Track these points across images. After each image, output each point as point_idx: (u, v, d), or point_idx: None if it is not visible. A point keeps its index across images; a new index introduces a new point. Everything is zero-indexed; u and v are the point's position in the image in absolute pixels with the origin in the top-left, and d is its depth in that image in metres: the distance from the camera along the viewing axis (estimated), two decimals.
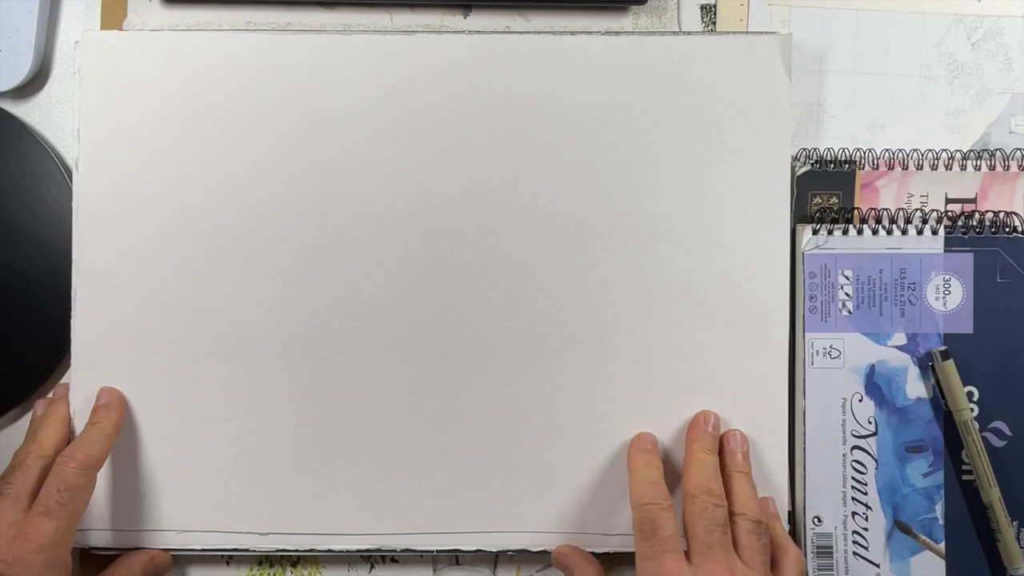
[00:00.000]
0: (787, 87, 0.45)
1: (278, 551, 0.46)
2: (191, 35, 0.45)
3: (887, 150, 0.47)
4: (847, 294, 0.46)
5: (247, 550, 0.46)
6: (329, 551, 0.46)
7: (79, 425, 0.44)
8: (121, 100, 0.45)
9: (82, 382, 0.45)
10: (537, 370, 0.45)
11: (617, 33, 0.47)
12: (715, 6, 0.48)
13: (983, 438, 0.45)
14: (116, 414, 0.44)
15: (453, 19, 0.48)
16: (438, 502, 0.45)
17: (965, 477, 0.46)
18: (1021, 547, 0.45)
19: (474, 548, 0.46)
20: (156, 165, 0.45)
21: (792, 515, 0.46)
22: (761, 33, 0.47)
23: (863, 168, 0.47)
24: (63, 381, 0.46)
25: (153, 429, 0.45)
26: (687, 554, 0.40)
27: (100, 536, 0.46)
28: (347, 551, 0.46)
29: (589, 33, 0.46)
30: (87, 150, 0.45)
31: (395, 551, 0.46)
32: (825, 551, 0.46)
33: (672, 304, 0.45)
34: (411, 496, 0.45)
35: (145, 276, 0.45)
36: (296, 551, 0.46)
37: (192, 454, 0.45)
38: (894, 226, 0.46)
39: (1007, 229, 0.46)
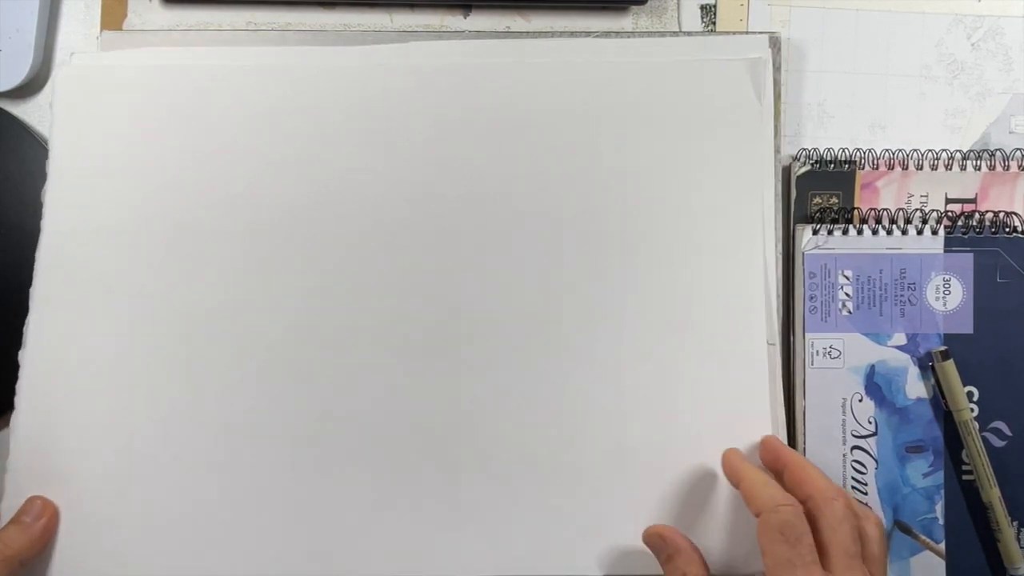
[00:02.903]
0: (770, 89, 0.45)
1: None
2: (173, 60, 0.45)
3: (887, 150, 0.47)
4: (847, 294, 0.46)
5: None
6: None
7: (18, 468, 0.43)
8: (99, 125, 0.45)
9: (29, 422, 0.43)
10: (518, 388, 0.44)
11: (617, 34, 0.47)
12: (715, 6, 0.48)
13: (983, 438, 0.45)
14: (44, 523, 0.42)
15: (453, 19, 0.48)
16: (439, 538, 0.44)
17: (965, 477, 0.46)
18: (1021, 547, 0.45)
19: None
20: (137, 180, 0.45)
21: None
22: (749, 33, 0.47)
23: (863, 168, 0.46)
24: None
25: (112, 435, 0.44)
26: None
27: None
28: None
29: (588, 34, 0.46)
30: (58, 179, 0.44)
31: None
32: None
33: (656, 317, 0.44)
34: (409, 535, 0.44)
35: (129, 288, 0.44)
36: None
37: (172, 489, 0.43)
38: (894, 226, 0.46)
39: (1007, 229, 0.46)
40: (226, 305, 0.44)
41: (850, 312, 0.46)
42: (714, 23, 0.48)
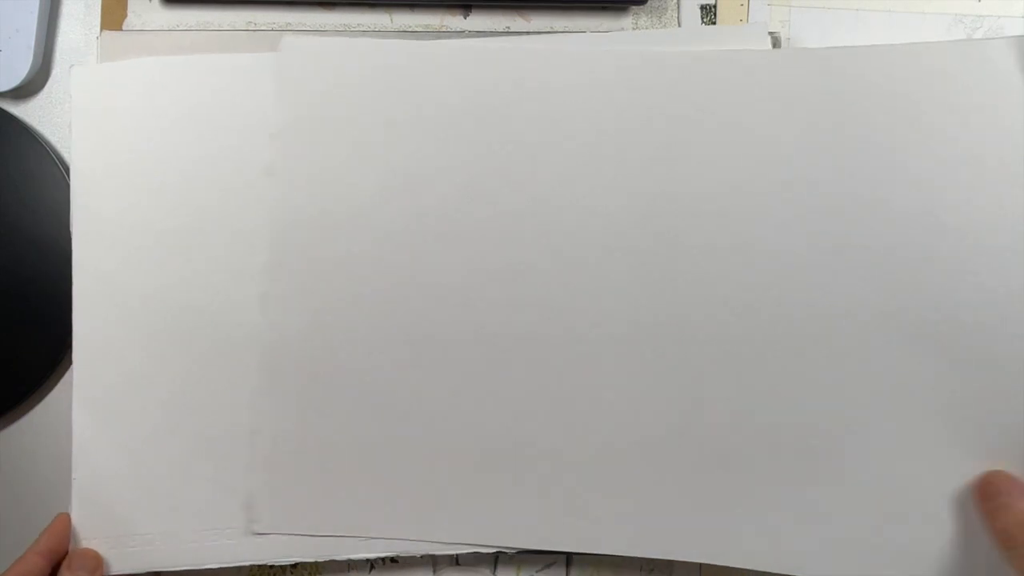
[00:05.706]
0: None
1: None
2: (185, 57, 0.45)
3: None
4: None
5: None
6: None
7: (79, 426, 0.44)
8: (117, 121, 0.45)
9: (86, 382, 0.44)
10: (803, 384, 0.43)
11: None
12: (715, 6, 0.48)
13: None
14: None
15: (453, 19, 0.48)
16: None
17: None
18: None
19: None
20: (155, 174, 0.45)
21: None
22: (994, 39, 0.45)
23: None
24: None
25: (153, 435, 0.44)
26: None
27: None
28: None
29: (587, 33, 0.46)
30: (82, 158, 0.45)
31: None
32: None
33: (948, 315, 0.42)
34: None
35: (148, 278, 0.44)
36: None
37: (193, 465, 0.44)
38: None
39: None
40: (236, 301, 0.45)
41: None
42: (714, 23, 0.48)
